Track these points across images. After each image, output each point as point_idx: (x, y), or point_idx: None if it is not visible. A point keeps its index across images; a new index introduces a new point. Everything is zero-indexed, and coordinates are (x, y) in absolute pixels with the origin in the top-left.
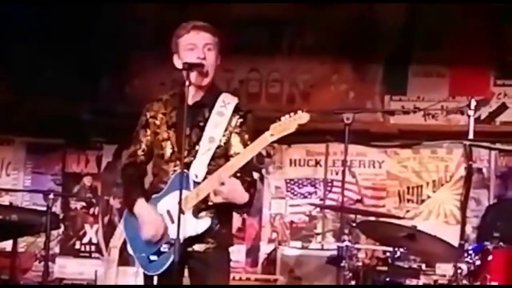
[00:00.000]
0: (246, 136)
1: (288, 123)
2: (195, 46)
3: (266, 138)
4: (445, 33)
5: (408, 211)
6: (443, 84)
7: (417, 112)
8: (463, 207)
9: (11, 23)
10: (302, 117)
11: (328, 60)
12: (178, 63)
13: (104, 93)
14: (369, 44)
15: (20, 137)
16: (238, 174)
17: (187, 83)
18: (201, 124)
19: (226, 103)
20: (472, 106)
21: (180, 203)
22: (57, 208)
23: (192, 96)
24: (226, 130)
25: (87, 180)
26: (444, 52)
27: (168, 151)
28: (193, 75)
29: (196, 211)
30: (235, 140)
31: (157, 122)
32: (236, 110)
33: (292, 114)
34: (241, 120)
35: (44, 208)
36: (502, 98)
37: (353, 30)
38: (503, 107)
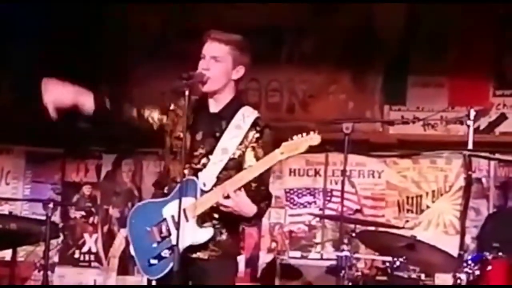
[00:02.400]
0: (261, 152)
1: (299, 143)
2: (204, 56)
3: (276, 156)
4: (444, 43)
5: (407, 221)
6: (443, 94)
7: (417, 122)
8: (463, 217)
9: (13, 28)
10: (314, 139)
11: (327, 70)
12: None
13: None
14: (368, 54)
15: (19, 146)
16: (254, 185)
17: (187, 92)
18: (217, 134)
19: (245, 116)
20: (472, 116)
21: (179, 212)
22: (56, 217)
23: (213, 105)
24: (241, 143)
25: (86, 189)
26: (444, 62)
27: (178, 151)
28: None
29: (201, 220)
30: (250, 154)
31: (176, 118)
32: (254, 125)
33: (304, 134)
34: (258, 135)
35: (44, 217)
36: (501, 109)
37: (353, 40)
38: (502, 117)
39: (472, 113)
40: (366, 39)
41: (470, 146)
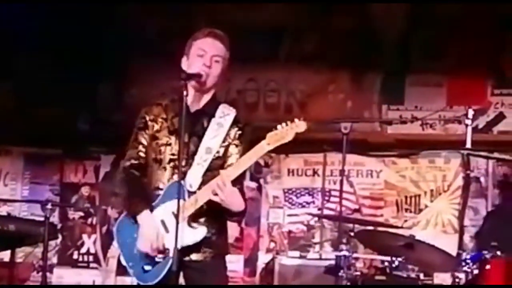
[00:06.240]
0: (243, 149)
1: (285, 132)
2: (205, 52)
3: (263, 147)
4: (443, 43)
5: (406, 220)
6: (441, 93)
7: (415, 121)
8: (461, 216)
9: (12, 33)
10: (300, 126)
11: (325, 69)
12: (185, 65)
13: (102, 103)
14: (366, 53)
15: (18, 147)
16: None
17: (185, 93)
18: (200, 133)
19: (225, 114)
20: (470, 116)
21: (177, 212)
22: (55, 218)
23: (193, 104)
24: (224, 141)
25: (85, 190)
26: (442, 62)
27: (167, 157)
28: (192, 82)
29: (191, 220)
30: (233, 152)
31: (157, 127)
32: (234, 122)
33: (289, 122)
34: (239, 132)
35: (42, 218)
36: (499, 108)
37: (351, 40)
38: (500, 117)
39: (471, 112)
40: (365, 39)
41: (468, 145)
